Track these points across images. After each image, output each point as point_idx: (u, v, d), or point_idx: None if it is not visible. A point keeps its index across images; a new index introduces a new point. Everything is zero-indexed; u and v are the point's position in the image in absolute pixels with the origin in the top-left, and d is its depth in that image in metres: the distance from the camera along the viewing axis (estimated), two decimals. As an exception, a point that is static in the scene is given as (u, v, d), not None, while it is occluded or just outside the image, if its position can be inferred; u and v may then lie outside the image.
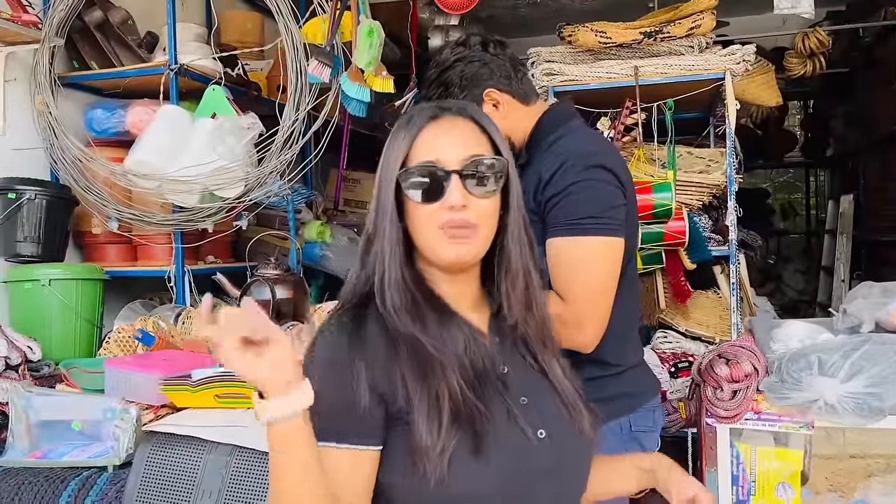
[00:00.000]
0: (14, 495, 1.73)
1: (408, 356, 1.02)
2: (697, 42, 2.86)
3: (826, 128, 6.72)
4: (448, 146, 1.05)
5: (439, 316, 1.06)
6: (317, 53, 2.59)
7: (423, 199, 1.04)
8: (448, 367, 1.01)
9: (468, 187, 1.04)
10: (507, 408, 1.03)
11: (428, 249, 1.06)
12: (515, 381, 1.07)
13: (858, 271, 5.28)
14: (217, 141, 2.50)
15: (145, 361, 1.94)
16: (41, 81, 2.64)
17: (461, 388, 0.99)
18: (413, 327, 1.03)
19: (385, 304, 1.05)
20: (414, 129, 1.08)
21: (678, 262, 2.89)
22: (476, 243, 1.06)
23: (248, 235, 2.92)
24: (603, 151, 1.59)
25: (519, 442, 1.01)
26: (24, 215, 2.48)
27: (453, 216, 1.03)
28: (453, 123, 1.08)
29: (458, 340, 1.05)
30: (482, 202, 1.05)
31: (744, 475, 1.76)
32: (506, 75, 1.70)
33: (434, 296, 1.09)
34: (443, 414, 0.97)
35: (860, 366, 1.60)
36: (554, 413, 1.08)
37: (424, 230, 1.05)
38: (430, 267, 1.10)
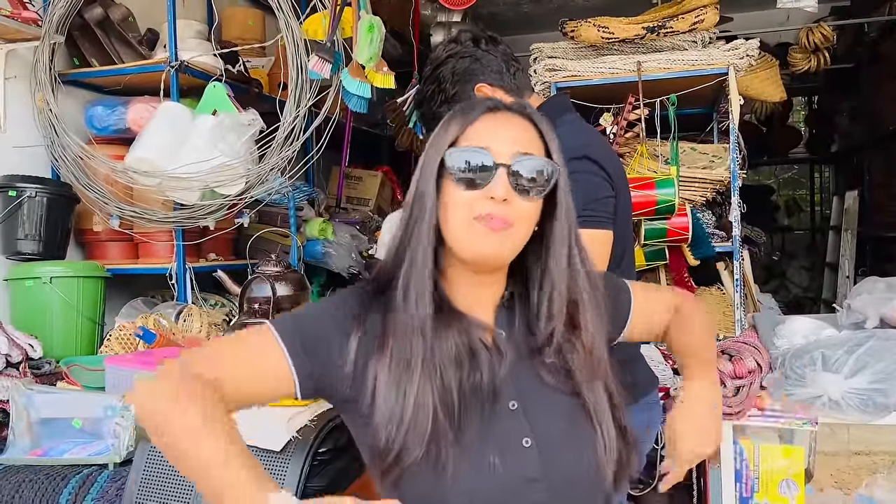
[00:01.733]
0: (15, 493, 1.73)
1: (391, 357, 0.99)
2: (701, 37, 2.84)
3: (831, 123, 6.69)
4: (501, 139, 1.02)
5: (443, 316, 1.02)
6: (317, 49, 2.58)
7: (466, 186, 1.00)
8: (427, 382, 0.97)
9: (513, 184, 0.99)
10: (486, 420, 0.98)
11: (457, 240, 1.01)
12: (511, 383, 1.02)
13: (863, 268, 5.25)
14: (218, 138, 2.49)
15: (146, 359, 1.94)
16: (41, 79, 2.63)
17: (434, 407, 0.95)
18: (412, 322, 1.00)
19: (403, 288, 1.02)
20: (469, 117, 1.04)
21: (681, 259, 2.88)
22: (507, 242, 1.01)
23: (249, 233, 2.91)
24: (590, 143, 1.60)
25: (491, 455, 0.97)
26: (24, 213, 2.48)
27: (492, 209, 0.98)
28: (510, 119, 1.05)
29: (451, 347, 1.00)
30: (523, 203, 1.00)
31: (747, 472, 1.74)
32: (497, 70, 1.72)
33: (442, 292, 1.05)
34: (402, 427, 0.95)
35: (864, 362, 1.59)
36: (549, 417, 1.02)
37: (459, 218, 1.00)
38: (454, 265, 1.06)
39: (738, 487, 1.75)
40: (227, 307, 2.82)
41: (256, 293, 2.14)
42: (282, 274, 2.26)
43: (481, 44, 1.74)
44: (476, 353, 1.01)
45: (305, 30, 2.63)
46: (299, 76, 2.62)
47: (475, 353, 1.01)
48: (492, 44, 1.75)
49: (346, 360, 1.01)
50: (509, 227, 0.99)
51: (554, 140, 1.07)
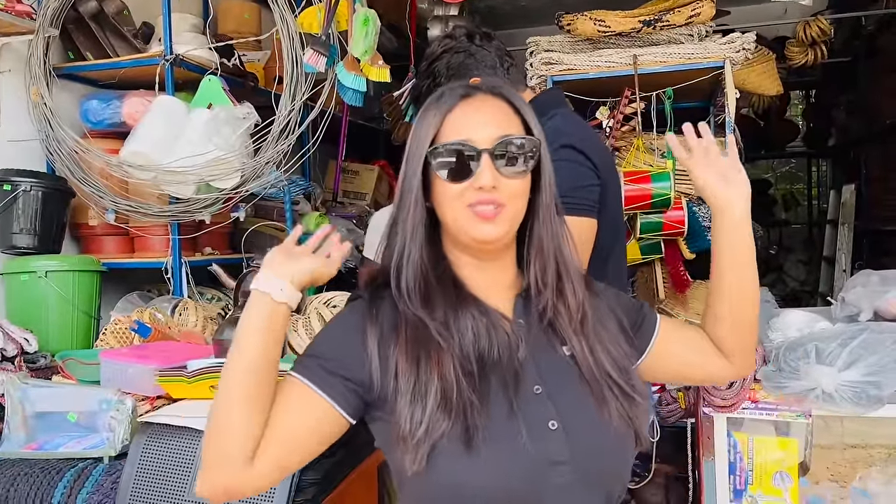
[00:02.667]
0: (10, 486, 1.73)
1: (406, 339, 1.02)
2: (697, 30, 2.84)
3: (828, 117, 6.69)
4: (479, 125, 1.04)
5: (454, 300, 1.05)
6: (312, 43, 2.58)
7: (453, 178, 1.03)
8: (446, 355, 0.99)
9: (498, 167, 1.02)
10: (511, 399, 1.00)
11: (455, 229, 1.05)
12: (533, 368, 1.04)
13: (860, 261, 5.25)
14: (213, 131, 2.49)
15: (141, 353, 1.94)
16: (36, 72, 2.62)
17: (456, 377, 0.98)
18: (421, 310, 1.03)
19: (399, 283, 1.06)
20: (444, 108, 1.06)
21: (677, 252, 2.88)
22: (503, 223, 1.04)
23: (244, 227, 2.91)
24: (576, 133, 1.64)
25: (519, 435, 0.98)
26: (20, 207, 2.48)
27: (482, 196, 1.02)
28: (484, 102, 1.07)
29: (468, 327, 1.03)
30: (512, 182, 1.03)
31: (741, 464, 1.75)
32: (490, 65, 1.79)
33: (451, 279, 1.08)
34: (427, 402, 0.96)
35: (858, 354, 1.59)
36: (574, 402, 1.04)
37: (453, 209, 1.04)
38: (458, 251, 1.10)
39: (732, 479, 1.76)
40: (223, 301, 2.82)
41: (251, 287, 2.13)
42: (277, 268, 2.26)
43: (475, 39, 1.80)
44: (496, 332, 1.04)
45: (300, 23, 2.63)
46: (294, 70, 2.62)
47: (495, 331, 1.04)
48: (486, 39, 1.81)
49: (369, 354, 1.03)
50: (502, 208, 1.03)
51: (530, 114, 1.09)
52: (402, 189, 1.08)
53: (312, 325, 2.08)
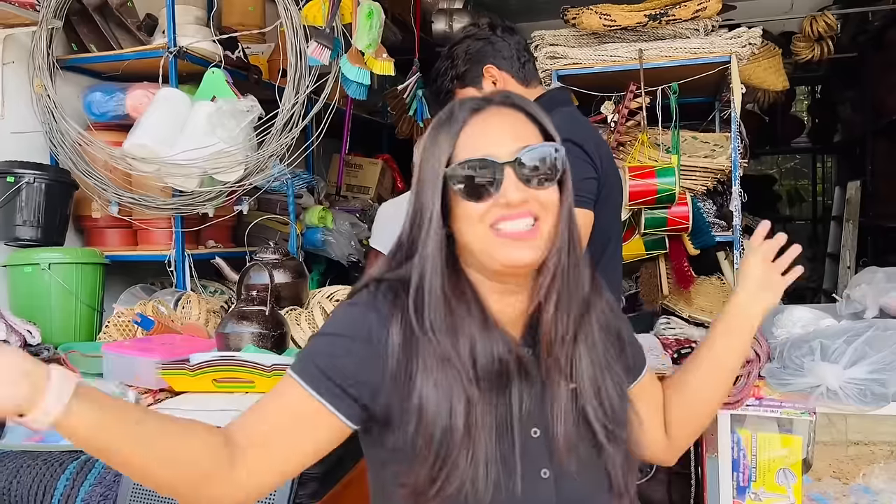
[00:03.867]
0: (13, 478, 1.73)
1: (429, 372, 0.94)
2: (703, 25, 2.82)
3: (834, 113, 6.66)
4: (497, 138, 0.97)
5: (479, 329, 0.97)
6: (316, 36, 2.57)
7: (475, 198, 0.95)
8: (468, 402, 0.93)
9: (525, 180, 0.95)
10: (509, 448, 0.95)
11: (481, 253, 0.97)
12: (538, 408, 0.98)
13: (865, 258, 5.24)
14: (216, 124, 2.48)
15: (144, 345, 1.94)
16: (39, 64, 2.62)
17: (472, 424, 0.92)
18: (447, 339, 0.95)
19: (423, 321, 0.96)
20: (457, 125, 0.99)
21: (681, 248, 2.87)
22: (539, 242, 0.96)
23: (248, 220, 2.91)
24: (575, 128, 1.67)
25: (515, 484, 0.94)
26: (23, 199, 2.48)
27: (511, 212, 0.94)
28: (498, 114, 1.01)
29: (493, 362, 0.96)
30: (542, 193, 0.96)
31: (744, 461, 1.74)
32: (507, 57, 1.85)
33: (477, 305, 0.99)
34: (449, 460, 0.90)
35: (863, 352, 1.58)
36: (568, 448, 0.98)
37: (476, 232, 0.96)
38: (483, 276, 1.01)
39: (735, 476, 1.75)
40: (226, 294, 2.82)
41: (255, 280, 2.14)
42: (280, 261, 2.26)
43: (497, 30, 1.87)
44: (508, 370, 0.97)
45: (305, 16, 2.62)
46: (298, 62, 2.61)
47: (507, 370, 0.97)
48: (507, 32, 1.88)
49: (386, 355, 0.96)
50: (537, 225, 0.96)
51: (546, 120, 1.03)
52: (416, 218, 1.00)
53: (315, 319, 2.08)
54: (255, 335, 1.90)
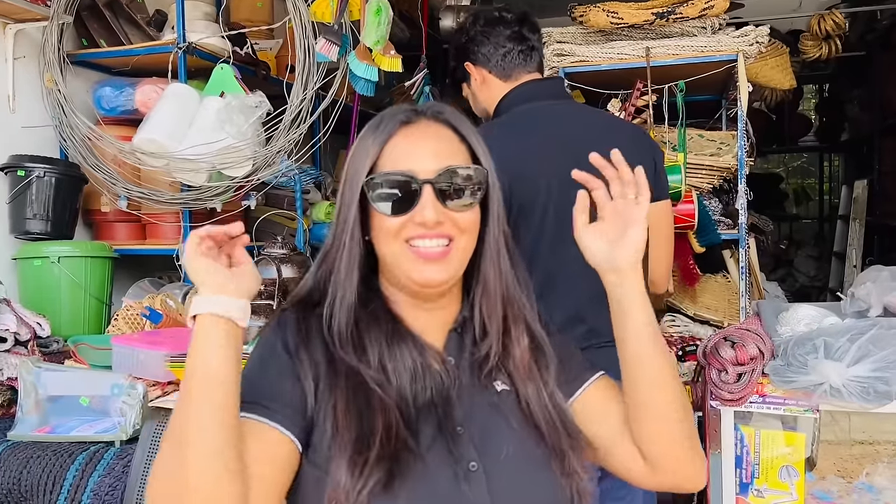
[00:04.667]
0: (23, 469, 1.75)
1: (345, 387, 0.93)
2: (710, 23, 2.82)
3: (841, 112, 6.65)
4: (421, 154, 0.95)
5: (388, 339, 0.96)
6: (325, 32, 2.58)
7: (392, 212, 0.94)
8: (386, 406, 0.91)
9: (443, 200, 0.94)
10: (433, 440, 0.93)
11: (395, 268, 0.97)
12: (458, 407, 0.96)
13: (871, 257, 5.23)
14: (225, 120, 2.50)
15: (152, 339, 1.96)
16: (50, 59, 2.64)
17: (396, 424, 0.90)
18: (355, 358, 0.94)
19: (331, 328, 0.96)
20: (384, 135, 0.97)
21: (687, 246, 2.87)
22: (452, 263, 0.96)
23: (255, 215, 2.92)
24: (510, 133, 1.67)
25: (439, 476, 0.91)
26: (33, 193, 2.50)
27: (424, 231, 0.93)
28: (427, 129, 0.99)
29: (405, 371, 0.95)
30: (459, 215, 0.95)
31: (748, 458, 1.75)
32: (484, 51, 1.82)
33: (387, 316, 0.99)
34: (370, 454, 0.88)
35: (867, 350, 1.59)
36: (499, 443, 0.96)
37: (392, 246, 0.95)
38: (396, 288, 1.01)
39: (738, 473, 1.76)
40: (234, 289, 2.83)
41: (262, 275, 2.14)
42: (288, 256, 2.28)
43: (478, 23, 1.83)
44: (429, 372, 0.96)
45: (313, 12, 2.63)
46: (307, 59, 2.62)
47: (428, 372, 0.96)
48: (489, 24, 1.82)
49: (306, 390, 0.93)
50: (451, 245, 0.95)
51: (477, 140, 1.01)
52: (337, 222, 0.99)
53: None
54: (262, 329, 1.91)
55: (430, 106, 1.03)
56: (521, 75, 1.84)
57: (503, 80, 1.83)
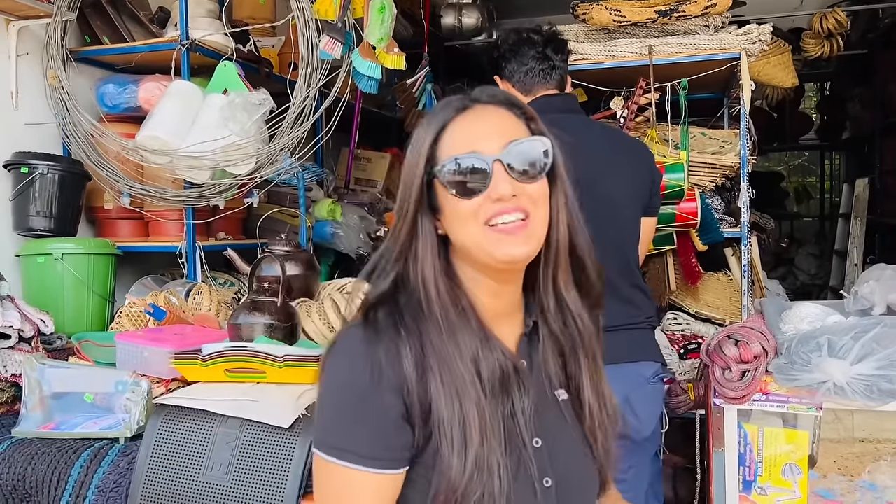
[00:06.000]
0: (27, 465, 1.75)
1: (442, 386, 0.92)
2: (713, 21, 2.82)
3: (843, 110, 6.64)
4: (483, 134, 0.96)
5: (478, 339, 0.96)
6: (328, 30, 2.58)
7: (464, 195, 0.94)
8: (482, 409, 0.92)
9: (513, 174, 0.94)
10: (519, 454, 0.95)
11: (476, 250, 0.96)
12: (535, 418, 0.98)
13: (872, 255, 5.23)
14: (228, 117, 2.49)
15: (156, 335, 1.96)
16: (53, 56, 2.63)
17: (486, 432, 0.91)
18: (451, 355, 0.94)
19: (426, 334, 0.95)
20: (439, 124, 0.98)
21: (689, 244, 2.88)
22: (532, 236, 0.96)
23: (258, 212, 2.93)
24: None
25: (523, 493, 0.94)
26: (36, 190, 2.50)
27: (503, 206, 0.93)
28: (484, 111, 1.00)
29: (494, 375, 0.95)
30: (531, 187, 0.95)
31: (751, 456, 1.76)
32: (509, 68, 2.07)
33: (473, 312, 0.98)
34: (468, 458, 0.89)
35: (870, 348, 1.59)
36: (567, 457, 1.00)
37: (470, 231, 0.95)
38: (472, 274, 1.00)
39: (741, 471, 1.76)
40: (237, 286, 2.84)
41: (266, 272, 2.15)
42: (291, 254, 2.28)
43: (508, 41, 2.08)
44: (510, 382, 0.97)
45: (316, 9, 2.63)
46: (310, 56, 2.62)
47: (509, 382, 0.97)
48: (517, 44, 2.06)
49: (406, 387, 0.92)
50: (528, 219, 0.95)
51: (533, 115, 1.02)
52: (406, 219, 0.98)
53: (326, 312, 2.09)
54: (266, 326, 1.91)
55: (482, 91, 1.03)
56: (539, 90, 2.06)
57: (524, 94, 2.04)
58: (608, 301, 1.14)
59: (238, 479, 1.60)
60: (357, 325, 0.97)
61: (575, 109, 2.13)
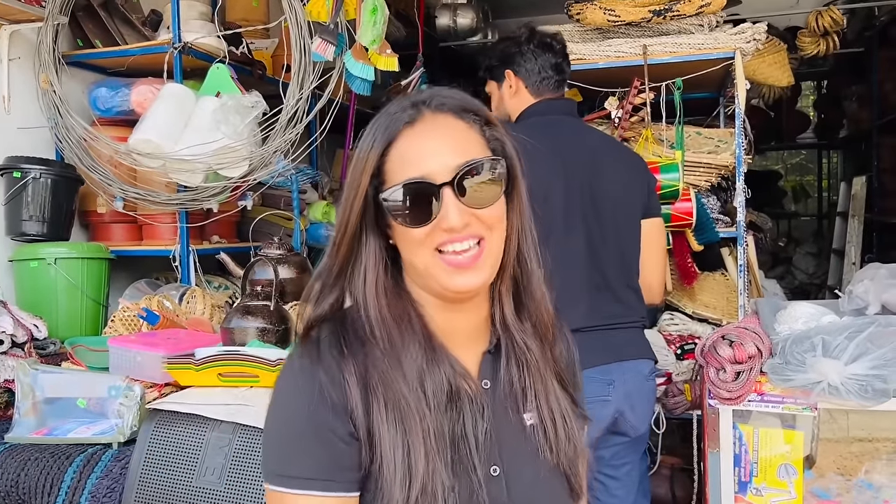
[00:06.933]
0: (20, 471, 1.75)
1: (385, 410, 0.86)
2: (707, 21, 2.81)
3: (839, 108, 6.64)
4: (433, 154, 0.87)
5: (426, 355, 0.90)
6: (321, 31, 2.57)
7: (414, 223, 0.87)
8: (427, 432, 0.86)
9: (465, 201, 0.86)
10: (470, 481, 0.88)
11: (427, 277, 0.90)
12: (494, 443, 0.92)
13: (870, 254, 5.23)
14: (221, 120, 2.49)
15: (149, 340, 1.95)
16: (45, 60, 2.63)
17: (432, 457, 0.85)
18: (394, 376, 0.87)
19: (368, 354, 0.89)
20: (385, 140, 0.89)
21: (685, 244, 2.87)
22: (485, 265, 0.89)
23: (252, 215, 2.92)
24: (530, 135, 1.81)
25: None
26: (29, 194, 2.49)
27: (453, 236, 0.86)
28: (434, 124, 0.90)
29: (441, 394, 0.89)
30: (485, 212, 0.88)
31: (746, 456, 1.75)
32: (529, 68, 2.08)
33: (420, 332, 0.92)
34: (413, 487, 0.84)
35: (865, 347, 1.59)
36: (530, 486, 0.94)
37: (421, 257, 0.88)
38: (421, 294, 0.94)
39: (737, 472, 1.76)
40: (231, 289, 2.83)
41: (259, 276, 2.15)
42: (284, 257, 2.28)
43: (532, 42, 2.09)
44: (466, 398, 0.91)
45: (309, 11, 2.62)
46: (303, 58, 2.61)
47: (467, 397, 0.91)
48: (540, 48, 2.09)
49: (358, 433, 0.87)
50: (482, 247, 0.88)
51: (492, 122, 0.94)
52: (345, 236, 0.91)
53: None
54: (259, 330, 1.91)
55: (432, 95, 0.93)
56: (546, 95, 2.11)
57: (534, 96, 2.10)
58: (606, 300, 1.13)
59: (231, 483, 1.60)
60: (298, 346, 0.92)
61: (574, 113, 2.19)
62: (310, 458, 0.86)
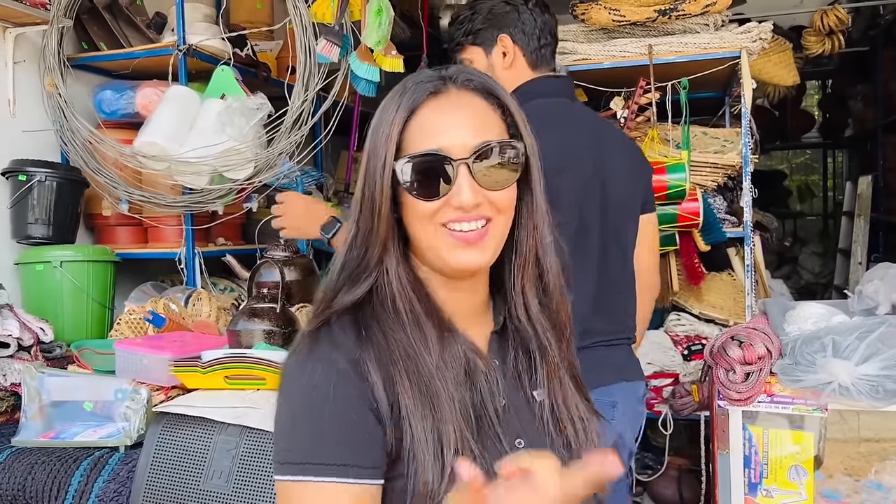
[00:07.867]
0: (27, 474, 1.74)
1: (409, 382, 0.85)
2: (713, 20, 2.80)
3: (844, 107, 6.62)
4: (452, 129, 0.87)
5: (440, 332, 0.90)
6: (326, 33, 2.57)
7: (426, 196, 0.86)
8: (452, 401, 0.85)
9: (479, 180, 0.86)
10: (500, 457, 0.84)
11: (430, 252, 0.90)
12: (512, 417, 0.92)
13: (876, 253, 5.21)
14: (226, 122, 2.49)
15: (156, 343, 1.95)
16: (50, 63, 2.63)
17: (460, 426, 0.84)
18: (417, 347, 0.87)
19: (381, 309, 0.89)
20: (408, 107, 0.88)
21: (692, 244, 2.86)
22: (489, 245, 0.89)
23: (257, 217, 2.91)
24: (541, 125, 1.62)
25: None
26: (34, 197, 2.49)
27: (461, 214, 0.87)
28: (459, 100, 0.90)
29: (459, 365, 0.88)
30: (497, 195, 0.88)
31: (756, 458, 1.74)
32: (527, 33, 1.74)
33: (435, 307, 0.92)
34: (446, 455, 0.82)
35: (875, 348, 1.58)
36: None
37: (426, 231, 0.88)
38: (427, 268, 0.94)
39: (747, 473, 1.75)
40: (237, 292, 2.83)
41: (265, 278, 2.14)
42: (290, 259, 2.27)
43: (529, 3, 1.76)
44: (480, 374, 0.90)
45: (314, 13, 2.62)
46: (307, 60, 2.61)
47: (476, 374, 0.90)
48: (538, 9, 1.77)
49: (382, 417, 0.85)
50: (488, 227, 0.88)
51: (515, 108, 0.93)
52: (363, 208, 0.90)
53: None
54: (266, 332, 1.90)
55: (459, 71, 0.93)
56: (544, 70, 1.82)
57: (532, 68, 1.79)
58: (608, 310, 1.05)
59: (238, 486, 1.59)
60: (312, 334, 0.89)
61: (575, 96, 1.95)
62: (331, 441, 0.82)
